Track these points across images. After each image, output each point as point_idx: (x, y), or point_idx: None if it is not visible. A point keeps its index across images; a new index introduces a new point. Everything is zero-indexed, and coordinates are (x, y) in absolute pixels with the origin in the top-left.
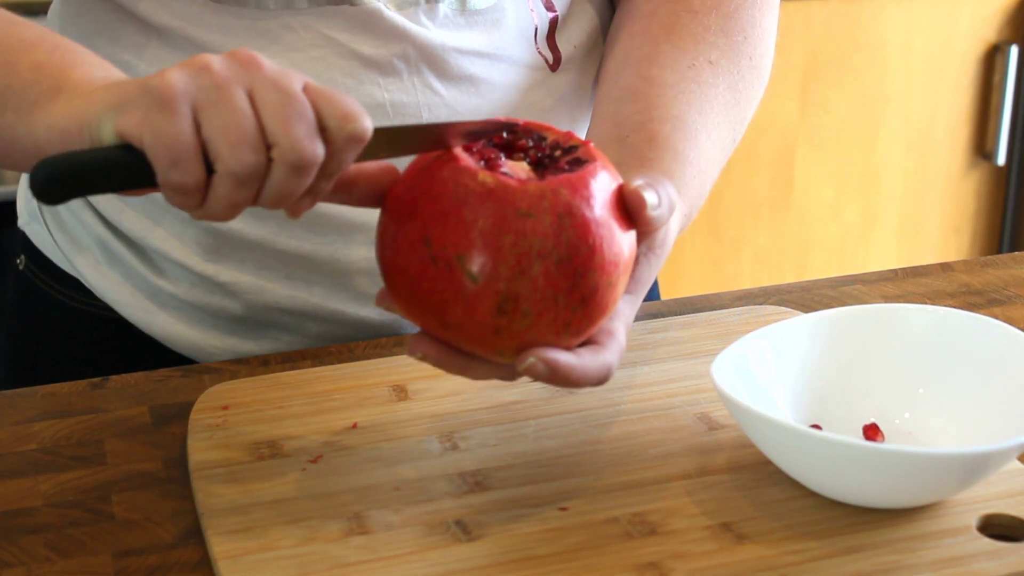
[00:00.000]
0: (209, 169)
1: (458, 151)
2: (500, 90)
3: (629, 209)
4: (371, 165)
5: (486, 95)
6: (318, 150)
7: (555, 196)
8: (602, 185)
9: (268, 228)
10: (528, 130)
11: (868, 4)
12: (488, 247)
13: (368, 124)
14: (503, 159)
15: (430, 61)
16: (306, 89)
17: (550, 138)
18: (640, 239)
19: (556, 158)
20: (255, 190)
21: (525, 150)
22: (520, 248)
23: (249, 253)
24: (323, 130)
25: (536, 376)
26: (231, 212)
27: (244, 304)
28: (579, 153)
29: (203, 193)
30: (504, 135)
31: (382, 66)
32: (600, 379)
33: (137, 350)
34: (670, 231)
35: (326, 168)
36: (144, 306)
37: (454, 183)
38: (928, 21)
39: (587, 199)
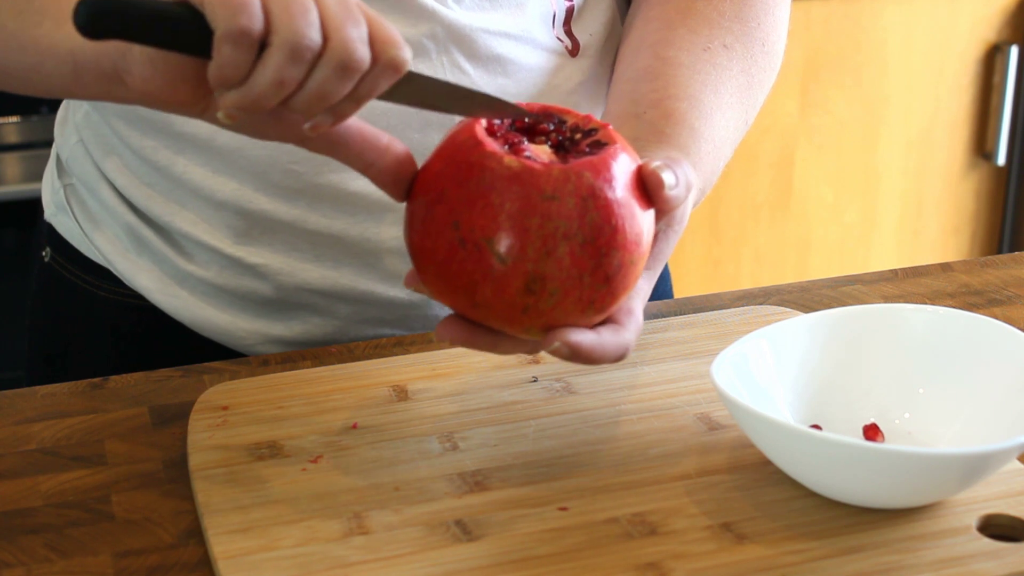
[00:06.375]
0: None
1: (482, 136)
2: (526, 71)
3: (648, 189)
4: (393, 149)
5: (512, 75)
6: (367, 55)
7: (579, 179)
8: (622, 167)
9: (299, 208)
10: (548, 114)
11: (868, 4)
12: (515, 229)
13: (408, 56)
14: (526, 143)
15: (458, 41)
16: (359, 5)
17: (570, 121)
18: (658, 217)
19: (577, 141)
20: (303, 73)
21: (546, 133)
22: (546, 230)
23: (279, 234)
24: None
25: (559, 356)
26: (273, 92)
27: (274, 286)
28: (599, 136)
29: (254, 59)
30: (526, 119)
31: (412, 45)
32: (618, 357)
33: (166, 337)
34: (687, 207)
35: (358, 89)
36: (173, 291)
37: (481, 168)
38: (928, 21)
39: (609, 181)
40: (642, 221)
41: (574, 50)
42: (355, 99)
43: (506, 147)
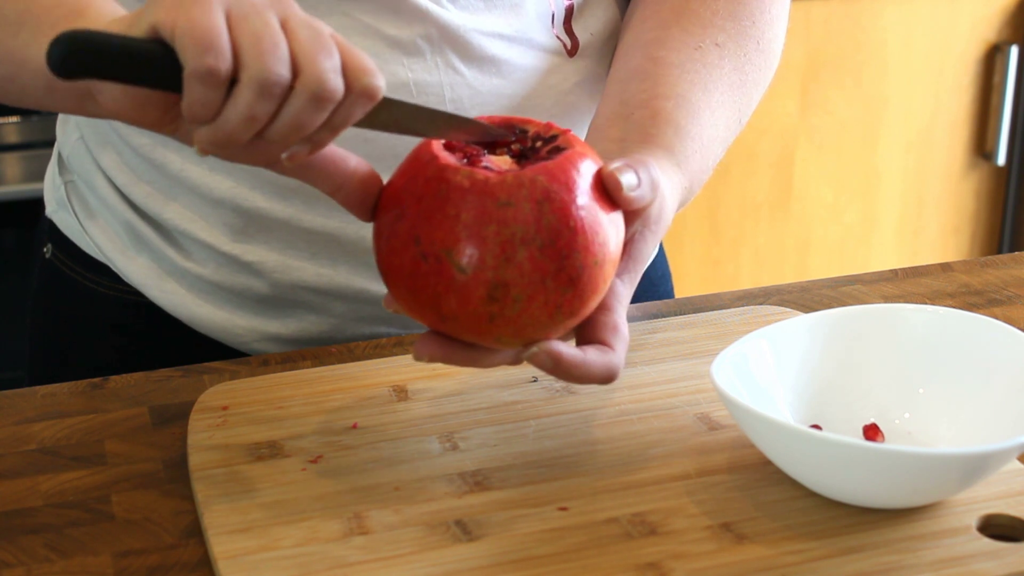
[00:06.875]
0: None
1: (439, 150)
2: (520, 71)
3: (607, 191)
4: (359, 171)
5: (507, 76)
6: (340, 86)
7: (532, 184)
8: (581, 170)
9: (294, 207)
10: (510, 125)
11: (868, 4)
12: (473, 238)
13: (382, 83)
14: (485, 154)
15: (452, 42)
16: (332, 36)
17: (531, 130)
18: (627, 220)
19: (537, 149)
20: (274, 107)
21: (507, 144)
22: (503, 236)
23: (275, 232)
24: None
25: (540, 367)
26: (245, 127)
27: (270, 283)
28: (559, 142)
29: (224, 96)
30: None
31: (405, 46)
32: (605, 378)
33: (166, 333)
34: (666, 206)
35: (333, 119)
36: (171, 288)
37: (437, 181)
38: (928, 21)
39: (565, 183)
40: (605, 222)
41: (573, 49)
42: (331, 128)
43: (464, 160)
